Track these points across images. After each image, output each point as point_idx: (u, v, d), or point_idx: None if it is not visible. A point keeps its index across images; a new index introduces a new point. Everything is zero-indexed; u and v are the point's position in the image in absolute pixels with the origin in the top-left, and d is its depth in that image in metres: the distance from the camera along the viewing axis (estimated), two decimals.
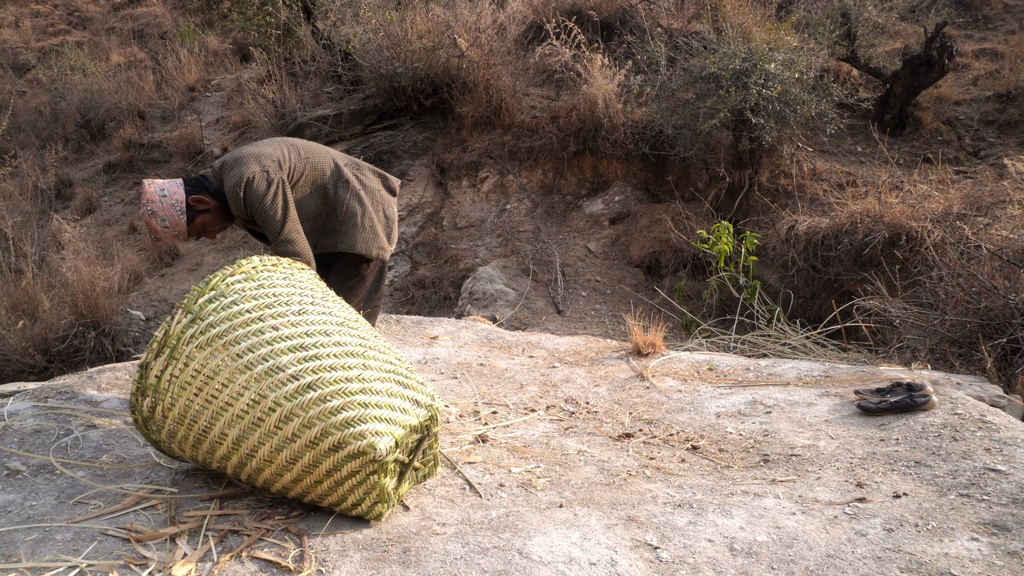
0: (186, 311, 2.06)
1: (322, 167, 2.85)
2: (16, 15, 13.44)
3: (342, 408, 1.94)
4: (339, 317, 2.15)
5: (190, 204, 2.63)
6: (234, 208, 2.66)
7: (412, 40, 7.45)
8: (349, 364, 2.01)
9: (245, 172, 2.60)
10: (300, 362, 1.96)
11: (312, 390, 1.94)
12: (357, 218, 2.88)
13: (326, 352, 2.01)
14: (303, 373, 1.95)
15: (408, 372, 2.16)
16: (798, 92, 6.14)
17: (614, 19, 8.36)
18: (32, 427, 2.61)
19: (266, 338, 1.99)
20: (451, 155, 7.43)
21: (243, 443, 1.98)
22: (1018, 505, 2.07)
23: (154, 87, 10.32)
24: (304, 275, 2.29)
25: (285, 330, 2.02)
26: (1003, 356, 3.45)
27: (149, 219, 2.59)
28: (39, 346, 5.51)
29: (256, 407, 1.95)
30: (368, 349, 2.09)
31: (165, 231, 2.60)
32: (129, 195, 8.75)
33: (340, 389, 1.95)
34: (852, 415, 2.83)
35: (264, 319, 2.03)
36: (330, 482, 1.97)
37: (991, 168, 6.23)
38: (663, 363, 3.71)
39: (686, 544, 1.98)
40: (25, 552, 1.87)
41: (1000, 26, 8.49)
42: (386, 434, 1.96)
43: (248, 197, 2.61)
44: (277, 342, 1.99)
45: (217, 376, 1.98)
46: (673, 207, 6.66)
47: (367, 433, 1.93)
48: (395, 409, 2.03)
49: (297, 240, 2.68)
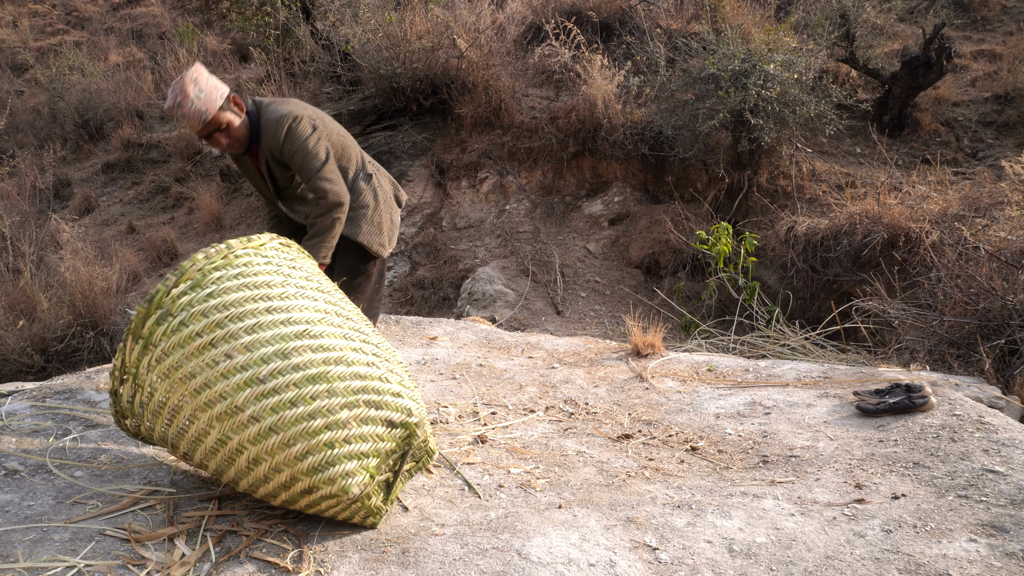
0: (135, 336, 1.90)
1: (351, 154, 2.87)
2: (14, 15, 13.42)
3: (307, 452, 1.81)
4: (299, 326, 1.90)
5: (231, 99, 2.56)
6: (267, 139, 2.60)
7: (411, 41, 7.45)
8: (312, 393, 1.83)
9: (293, 111, 2.61)
10: (258, 399, 1.81)
11: (274, 433, 1.80)
12: (368, 211, 2.89)
13: (285, 382, 1.82)
14: (263, 413, 1.80)
15: (385, 378, 1.95)
16: (797, 93, 6.14)
17: (613, 20, 8.36)
18: (30, 427, 2.60)
19: (220, 371, 1.82)
20: (450, 156, 7.43)
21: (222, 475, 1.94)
22: (1016, 506, 2.07)
23: (153, 87, 10.31)
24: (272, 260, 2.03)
25: (239, 357, 1.83)
26: (1001, 357, 3.45)
27: (187, 83, 2.45)
28: (37, 346, 5.51)
29: (223, 447, 1.85)
30: (334, 365, 1.88)
31: (194, 101, 2.46)
32: (127, 195, 8.74)
33: (303, 430, 1.81)
34: (851, 416, 2.83)
35: (216, 343, 1.84)
36: (313, 509, 1.94)
37: (989, 169, 6.23)
38: (662, 364, 3.71)
39: (685, 545, 1.97)
40: (23, 552, 1.86)
41: (998, 27, 8.50)
42: (358, 472, 1.86)
43: (290, 133, 2.58)
44: (232, 374, 1.82)
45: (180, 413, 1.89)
46: (672, 208, 6.66)
47: (336, 477, 1.83)
48: (367, 439, 1.87)
49: (335, 180, 2.63)
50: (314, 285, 2.04)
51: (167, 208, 8.35)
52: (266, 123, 2.61)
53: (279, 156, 2.65)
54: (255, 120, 2.63)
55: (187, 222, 7.97)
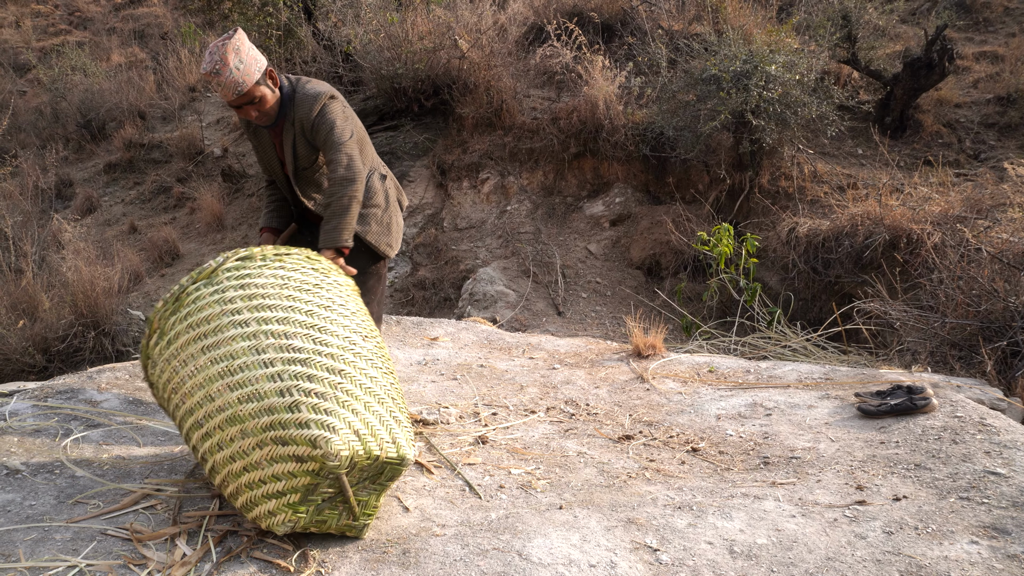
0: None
1: (368, 151, 2.86)
2: (17, 15, 13.45)
3: (236, 493, 1.86)
4: (222, 363, 1.87)
5: (267, 73, 2.56)
6: (300, 112, 2.59)
7: (413, 41, 7.45)
8: (230, 435, 1.83)
9: (331, 91, 2.64)
10: (201, 440, 1.90)
11: (215, 473, 1.89)
12: (379, 211, 2.88)
13: (213, 425, 1.86)
14: (205, 455, 1.90)
15: (295, 407, 1.80)
16: (799, 94, 6.14)
17: (615, 21, 8.36)
18: (32, 427, 2.61)
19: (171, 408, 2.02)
20: (452, 156, 7.43)
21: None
22: (1018, 508, 2.07)
23: (155, 87, 10.33)
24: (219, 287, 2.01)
25: (186, 401, 1.93)
26: (1003, 359, 3.44)
27: (227, 52, 2.42)
28: (39, 346, 5.51)
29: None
30: (247, 402, 1.82)
31: (233, 71, 2.44)
32: (129, 195, 8.75)
33: (228, 472, 1.85)
34: (852, 418, 2.83)
35: (169, 384, 1.99)
36: None
37: (991, 171, 6.23)
38: (663, 365, 3.71)
39: (686, 546, 1.97)
40: (24, 552, 1.86)
41: (1000, 29, 8.49)
42: (280, 511, 1.83)
43: (325, 108, 2.59)
44: (180, 414, 1.98)
45: None
46: (674, 209, 6.66)
47: (261, 516, 1.84)
48: (280, 476, 1.81)
49: (356, 157, 2.61)
50: (255, 303, 1.97)
51: (169, 208, 8.36)
52: (301, 97, 2.61)
53: (309, 129, 2.63)
54: (288, 95, 2.63)
55: (189, 222, 7.98)
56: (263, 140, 2.78)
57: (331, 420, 1.81)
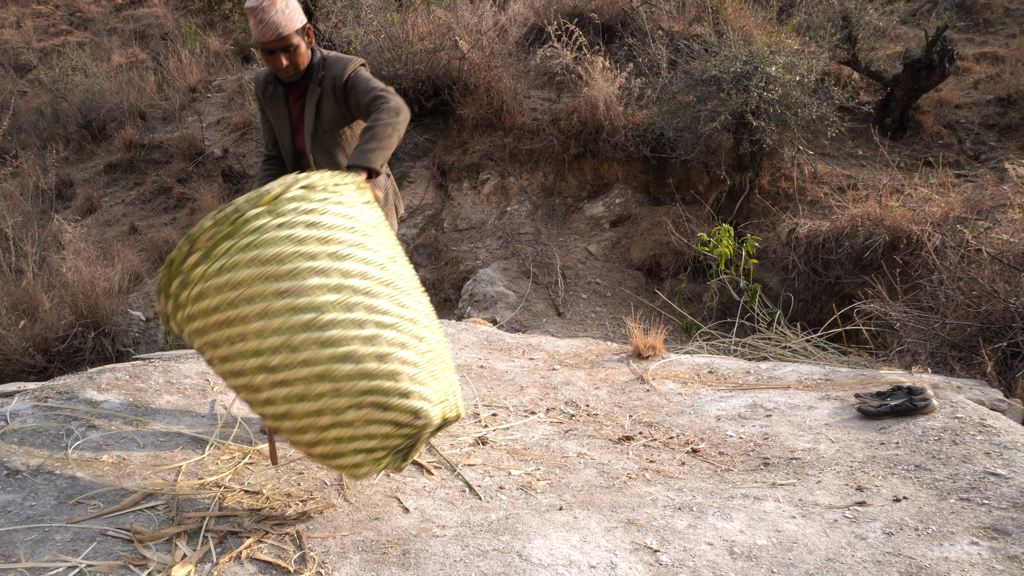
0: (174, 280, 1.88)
1: None
2: (18, 15, 13.46)
3: (317, 442, 1.89)
4: (306, 314, 1.82)
5: (307, 28, 2.58)
6: (332, 71, 2.59)
7: (413, 42, 7.46)
8: (318, 391, 1.83)
9: (360, 60, 2.66)
10: (271, 386, 1.85)
11: (287, 418, 1.87)
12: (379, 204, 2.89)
13: (293, 376, 1.82)
14: (275, 398, 1.86)
15: (395, 375, 1.87)
16: (799, 95, 6.14)
17: (615, 21, 8.37)
18: (32, 427, 2.61)
19: (236, 349, 1.84)
20: (452, 157, 7.44)
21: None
22: (1018, 509, 2.07)
23: (155, 88, 10.33)
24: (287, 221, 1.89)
25: (252, 342, 1.83)
26: (1003, 360, 3.45)
27: None
28: (39, 346, 5.51)
29: (245, 398, 1.93)
30: (340, 362, 1.82)
31: (278, 12, 2.43)
32: (130, 195, 8.75)
33: (311, 424, 1.86)
34: (852, 419, 2.83)
35: (231, 323, 1.83)
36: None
37: (991, 172, 6.23)
38: (663, 366, 3.71)
39: (686, 547, 1.97)
40: (24, 552, 1.86)
41: (1001, 30, 8.49)
42: (365, 463, 1.93)
43: (358, 70, 2.61)
44: (247, 356, 1.84)
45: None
46: (674, 210, 6.66)
47: (345, 465, 1.93)
48: (373, 437, 1.89)
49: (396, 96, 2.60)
50: (331, 250, 1.89)
51: (169, 209, 8.36)
52: (334, 60, 2.62)
53: (341, 86, 2.61)
54: (318, 59, 2.64)
55: (189, 223, 7.98)
56: (278, 109, 2.72)
57: (426, 391, 1.92)
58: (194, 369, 3.34)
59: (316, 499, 2.23)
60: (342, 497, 2.26)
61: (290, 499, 2.21)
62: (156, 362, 3.40)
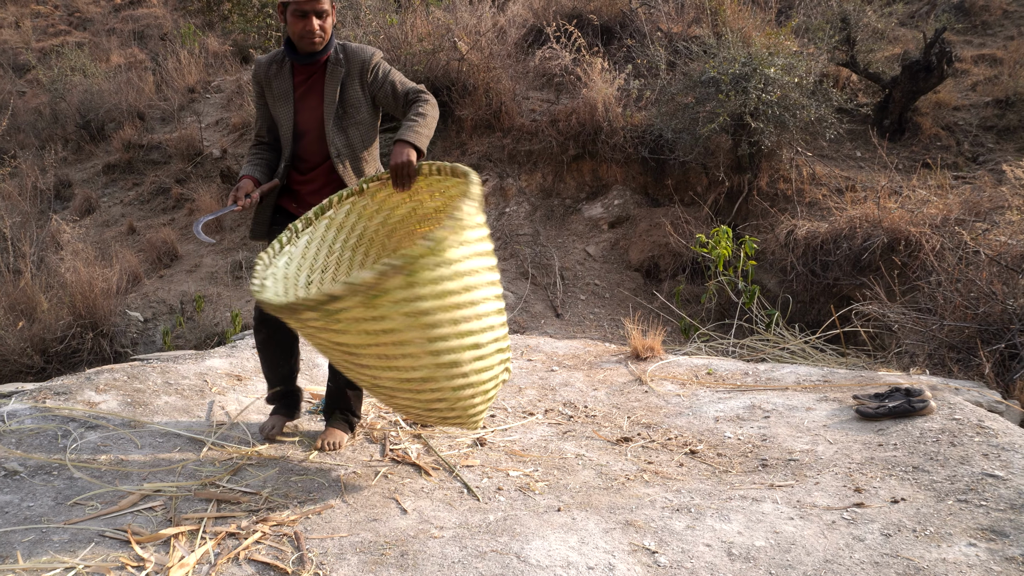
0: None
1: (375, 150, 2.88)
2: (16, 15, 13.45)
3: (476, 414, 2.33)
4: (483, 320, 2.14)
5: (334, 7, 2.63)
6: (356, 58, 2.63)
7: (412, 43, 7.46)
8: (484, 382, 2.26)
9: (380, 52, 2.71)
10: (452, 378, 2.13)
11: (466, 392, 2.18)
12: None
13: (473, 376, 2.17)
14: (457, 388, 2.15)
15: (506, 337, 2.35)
16: (797, 97, 6.15)
17: (614, 23, 8.37)
18: (30, 428, 2.60)
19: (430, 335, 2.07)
20: (450, 158, 7.43)
21: None
22: (1016, 511, 2.07)
23: (154, 88, 10.32)
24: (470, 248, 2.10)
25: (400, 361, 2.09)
26: (1001, 361, 3.45)
27: None
28: (37, 347, 5.51)
29: None
30: (480, 372, 2.19)
31: None
32: (128, 196, 8.74)
33: (475, 399, 2.24)
34: (850, 420, 2.83)
35: (428, 324, 2.01)
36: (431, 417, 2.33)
37: (990, 174, 6.24)
38: (662, 367, 3.71)
39: (684, 549, 1.97)
40: (22, 553, 1.86)
41: (999, 32, 8.51)
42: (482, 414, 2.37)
43: (384, 63, 2.67)
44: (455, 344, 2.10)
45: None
46: (672, 211, 6.67)
47: (479, 419, 2.37)
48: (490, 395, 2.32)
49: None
50: (486, 294, 2.20)
51: (167, 209, 8.35)
52: (357, 48, 2.68)
53: (368, 71, 2.64)
54: (338, 45, 2.68)
55: (187, 223, 7.97)
56: (282, 85, 2.68)
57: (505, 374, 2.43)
58: (192, 370, 3.34)
59: (314, 500, 2.23)
60: (340, 498, 2.25)
61: (288, 500, 2.21)
62: (154, 363, 3.39)
